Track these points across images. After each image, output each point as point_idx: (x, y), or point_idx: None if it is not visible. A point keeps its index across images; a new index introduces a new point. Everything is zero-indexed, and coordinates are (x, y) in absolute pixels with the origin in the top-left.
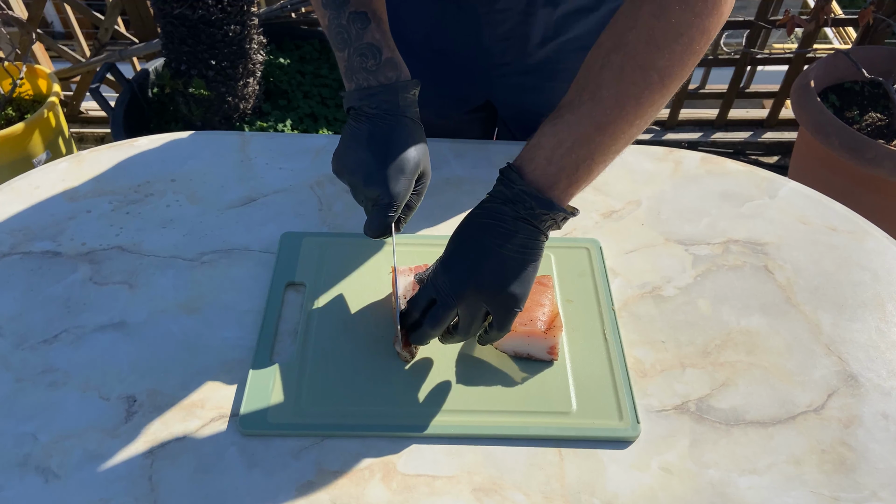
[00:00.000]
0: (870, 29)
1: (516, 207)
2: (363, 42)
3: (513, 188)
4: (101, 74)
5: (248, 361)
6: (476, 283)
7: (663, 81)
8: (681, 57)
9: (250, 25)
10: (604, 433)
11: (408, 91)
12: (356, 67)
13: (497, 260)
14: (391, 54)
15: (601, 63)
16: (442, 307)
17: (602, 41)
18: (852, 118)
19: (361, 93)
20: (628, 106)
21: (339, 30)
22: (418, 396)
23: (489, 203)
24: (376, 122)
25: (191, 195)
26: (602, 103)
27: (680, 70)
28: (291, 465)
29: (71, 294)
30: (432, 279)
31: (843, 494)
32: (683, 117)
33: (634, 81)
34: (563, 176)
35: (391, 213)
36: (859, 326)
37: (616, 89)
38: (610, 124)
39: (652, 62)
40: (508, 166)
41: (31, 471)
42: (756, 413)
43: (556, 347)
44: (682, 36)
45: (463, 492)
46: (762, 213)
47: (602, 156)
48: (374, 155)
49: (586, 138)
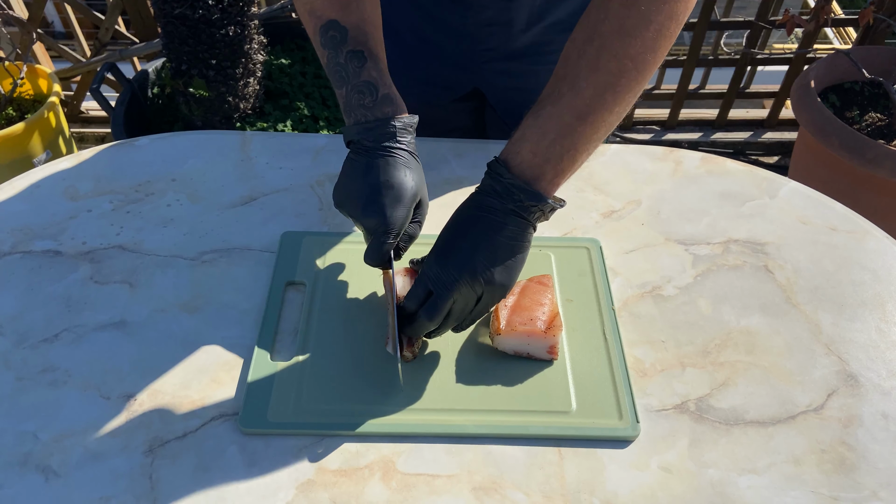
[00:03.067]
0: (870, 29)
1: (505, 200)
2: (360, 80)
3: (501, 181)
4: (102, 74)
5: (249, 360)
6: (471, 273)
7: (637, 68)
8: (652, 43)
9: (250, 25)
10: (603, 432)
11: (404, 124)
12: (354, 104)
13: (490, 250)
14: (387, 91)
15: (577, 54)
16: (439, 298)
17: (576, 34)
18: (852, 118)
19: (359, 127)
20: (607, 94)
21: (337, 68)
22: (418, 395)
23: (479, 196)
24: (374, 155)
25: (191, 194)
26: (581, 94)
27: (653, 56)
28: (291, 463)
29: (71, 293)
30: (427, 273)
31: (843, 494)
32: (684, 117)
33: (610, 70)
34: (549, 167)
35: (389, 240)
36: (859, 326)
37: (594, 79)
38: (590, 113)
39: (625, 50)
40: (496, 160)
41: (32, 469)
42: (756, 413)
43: (556, 347)
44: (651, 23)
45: (463, 491)
46: (762, 212)
47: (585, 145)
48: (371, 186)
49: (569, 129)
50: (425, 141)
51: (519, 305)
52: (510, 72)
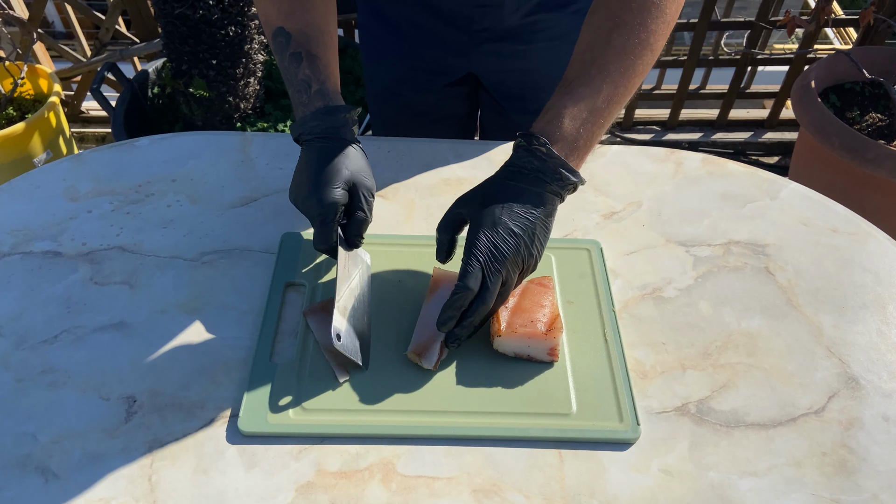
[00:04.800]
0: (870, 29)
1: (548, 179)
2: (298, 79)
3: (545, 161)
4: (102, 74)
5: (248, 362)
6: (519, 255)
7: (655, 52)
8: (664, 29)
9: (251, 25)
10: (604, 435)
11: (337, 115)
12: (296, 102)
13: (531, 233)
14: (319, 86)
15: (604, 41)
16: (492, 281)
17: (599, 20)
18: (853, 118)
19: (298, 122)
20: (632, 77)
21: (284, 71)
22: (418, 397)
23: (520, 179)
24: (313, 148)
25: (191, 195)
26: (611, 77)
27: (664, 39)
28: (291, 465)
29: (71, 294)
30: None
31: (844, 497)
32: (684, 117)
33: (635, 56)
34: (583, 146)
35: (327, 222)
36: (860, 328)
37: (621, 64)
38: (616, 96)
39: (647, 38)
40: (533, 136)
41: (31, 471)
42: (756, 415)
43: (557, 349)
44: (665, 11)
45: (462, 493)
46: (763, 214)
47: (607, 124)
48: (309, 176)
49: (599, 110)
50: (425, 141)
51: (519, 307)
52: (503, 52)
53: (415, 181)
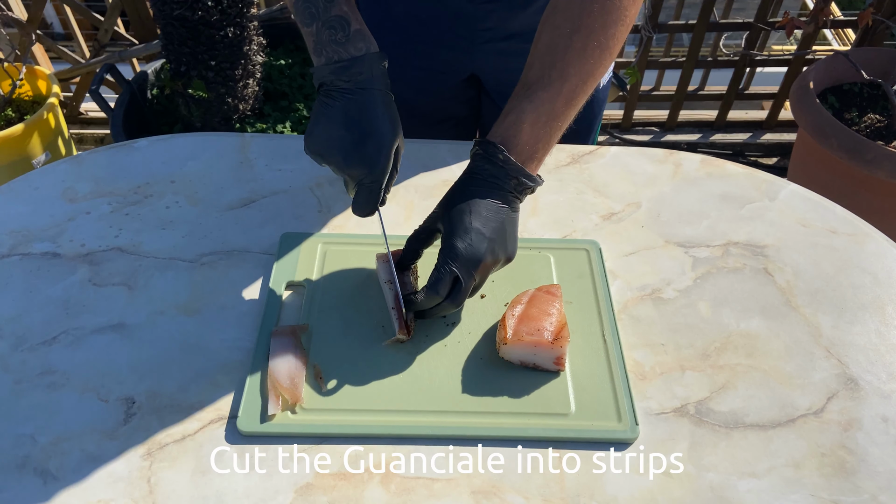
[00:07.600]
0: (869, 30)
1: (504, 183)
2: (331, 15)
3: (502, 168)
4: (101, 75)
5: (247, 363)
6: (492, 258)
7: (613, 54)
8: (624, 32)
9: (250, 27)
10: (603, 435)
11: (379, 63)
12: (325, 41)
13: (501, 233)
14: (360, 26)
15: (565, 44)
16: (465, 285)
17: (560, 22)
18: (851, 119)
19: (332, 66)
20: (590, 80)
21: (305, 4)
22: (417, 398)
23: (480, 180)
24: (349, 98)
25: (190, 196)
26: (570, 80)
27: (622, 43)
28: (290, 467)
29: (70, 295)
30: (448, 261)
31: (843, 498)
32: (683, 118)
33: (595, 59)
34: (541, 150)
35: (378, 191)
36: (859, 329)
37: (580, 67)
38: (575, 98)
39: (606, 41)
40: (491, 143)
41: (30, 472)
42: (755, 416)
43: (563, 358)
44: (625, 15)
45: (462, 494)
46: (762, 215)
47: (565, 126)
48: (351, 133)
49: (557, 113)
50: (424, 142)
51: (526, 315)
52: (507, 52)
53: (414, 182)
